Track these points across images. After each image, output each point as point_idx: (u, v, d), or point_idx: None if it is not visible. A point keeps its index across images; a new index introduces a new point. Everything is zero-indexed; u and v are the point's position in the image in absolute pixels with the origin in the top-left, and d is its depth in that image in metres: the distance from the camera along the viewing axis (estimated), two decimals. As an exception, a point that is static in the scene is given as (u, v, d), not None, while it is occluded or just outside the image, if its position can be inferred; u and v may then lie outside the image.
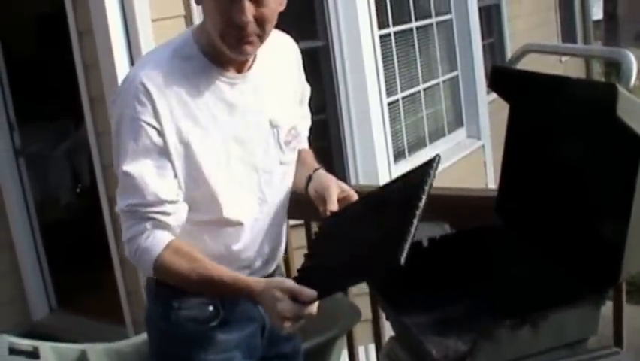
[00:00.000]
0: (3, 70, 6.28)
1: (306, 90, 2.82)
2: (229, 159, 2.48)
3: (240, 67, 2.48)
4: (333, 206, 2.56)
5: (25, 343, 3.34)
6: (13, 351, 3.82)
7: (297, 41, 2.74)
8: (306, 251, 2.57)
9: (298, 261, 3.73)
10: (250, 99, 2.51)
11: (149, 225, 2.34)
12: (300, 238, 3.73)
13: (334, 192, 2.59)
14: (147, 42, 4.68)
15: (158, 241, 2.34)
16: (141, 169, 2.33)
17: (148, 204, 2.34)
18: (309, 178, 2.71)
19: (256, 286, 2.27)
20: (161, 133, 2.34)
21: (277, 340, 2.71)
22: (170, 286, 2.48)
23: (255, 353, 2.66)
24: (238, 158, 2.50)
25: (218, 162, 2.45)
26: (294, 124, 2.66)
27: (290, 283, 2.21)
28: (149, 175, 2.34)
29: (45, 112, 7.47)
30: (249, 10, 2.30)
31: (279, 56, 2.62)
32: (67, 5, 5.14)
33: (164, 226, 2.37)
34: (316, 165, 2.77)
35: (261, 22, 2.34)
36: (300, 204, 2.79)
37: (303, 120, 2.81)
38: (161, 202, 2.35)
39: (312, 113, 2.92)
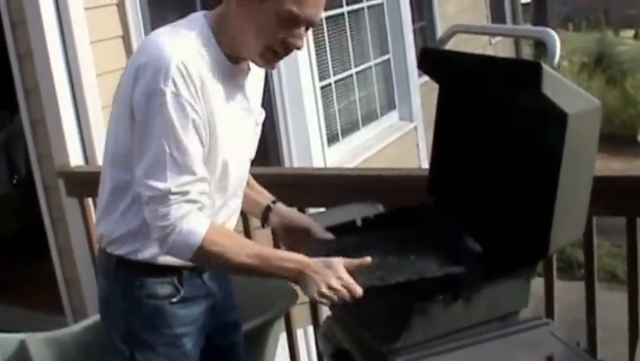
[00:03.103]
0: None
1: None
2: (233, 147, 2.53)
3: (243, 65, 2.54)
4: (328, 235, 2.70)
5: (-36, 334, 3.32)
6: (-50, 343, 3.82)
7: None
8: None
9: (260, 241, 3.76)
10: (248, 96, 2.58)
11: (193, 207, 2.36)
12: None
13: (314, 223, 2.74)
14: (80, 31, 4.64)
15: (200, 223, 2.36)
16: (190, 147, 2.34)
17: (195, 182, 2.35)
18: (269, 208, 2.84)
19: (306, 257, 2.36)
20: (199, 113, 2.35)
21: (220, 313, 2.77)
22: (130, 267, 2.55)
23: (206, 328, 2.72)
24: (235, 148, 2.55)
25: (229, 146, 2.49)
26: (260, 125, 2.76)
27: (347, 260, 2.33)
28: (195, 152, 2.35)
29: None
30: (304, 36, 2.42)
31: None
32: (-1, -5, 5.04)
33: (201, 207, 2.39)
34: (270, 195, 2.87)
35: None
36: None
37: None
38: (203, 180, 2.38)
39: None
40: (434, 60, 2.66)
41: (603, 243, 8.04)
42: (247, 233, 3.80)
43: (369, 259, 2.32)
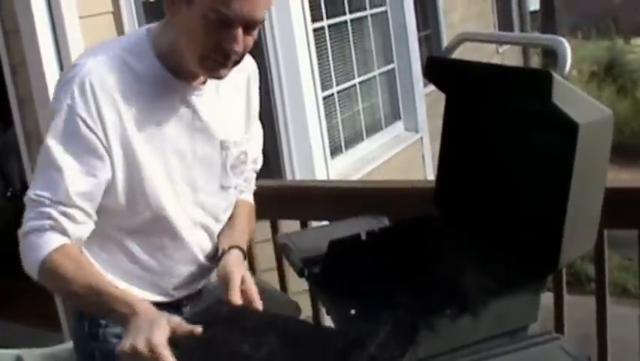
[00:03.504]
0: None
1: (256, 113, 2.71)
2: (170, 170, 2.40)
3: (195, 80, 2.41)
4: (236, 297, 2.43)
5: (-40, 349, 3.28)
6: (-54, 358, 3.78)
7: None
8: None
9: (262, 254, 3.76)
10: (201, 114, 2.43)
11: (48, 224, 2.21)
12: (264, 233, 3.71)
13: (237, 282, 2.47)
14: (75, 40, 4.63)
15: (51, 240, 2.21)
16: (64, 164, 2.21)
17: (57, 202, 2.21)
18: (223, 252, 2.58)
19: (141, 305, 2.15)
20: (98, 134, 2.24)
21: None
22: None
23: None
24: (177, 172, 2.42)
25: (159, 166, 2.37)
26: (244, 148, 2.59)
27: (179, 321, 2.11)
28: (70, 173, 2.22)
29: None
30: (241, 39, 2.24)
31: (235, 74, 2.45)
32: (-9, 4, 5.05)
33: (63, 231, 2.23)
34: (238, 240, 2.63)
35: (245, 49, 2.29)
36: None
37: (253, 146, 2.70)
38: (72, 205, 2.23)
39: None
40: (441, 69, 2.62)
41: (613, 256, 7.98)
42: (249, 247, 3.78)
43: (199, 329, 2.09)
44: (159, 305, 2.35)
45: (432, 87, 2.94)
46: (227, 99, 2.51)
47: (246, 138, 2.60)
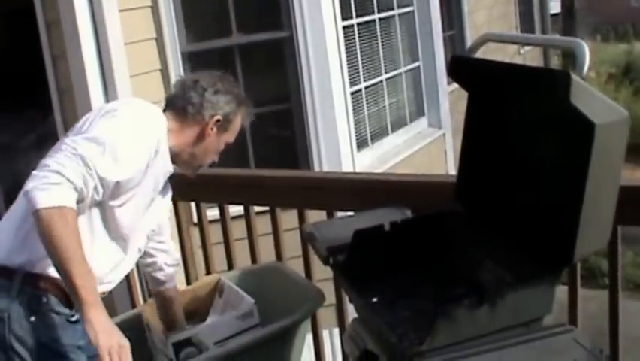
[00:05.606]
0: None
1: None
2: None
3: None
4: None
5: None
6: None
7: (261, 32, 2.83)
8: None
9: (289, 243, 3.82)
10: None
11: (80, 187, 2.54)
12: (291, 222, 3.80)
13: None
14: (114, 34, 4.70)
15: (74, 198, 2.52)
16: (124, 161, 2.67)
17: (99, 178, 2.59)
18: None
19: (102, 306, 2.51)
20: (150, 156, 2.78)
21: None
22: (35, 283, 2.70)
23: None
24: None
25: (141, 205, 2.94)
26: None
27: None
28: (122, 170, 2.67)
29: (13, 103, 7.42)
30: None
31: None
32: (35, -3, 5.14)
33: (81, 200, 2.57)
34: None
35: None
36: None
37: None
38: (102, 187, 2.64)
39: (276, 102, 3.03)
40: (464, 68, 2.67)
41: (627, 252, 8.01)
42: (251, 240, 3.92)
43: None
44: None
45: (455, 85, 2.98)
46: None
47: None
